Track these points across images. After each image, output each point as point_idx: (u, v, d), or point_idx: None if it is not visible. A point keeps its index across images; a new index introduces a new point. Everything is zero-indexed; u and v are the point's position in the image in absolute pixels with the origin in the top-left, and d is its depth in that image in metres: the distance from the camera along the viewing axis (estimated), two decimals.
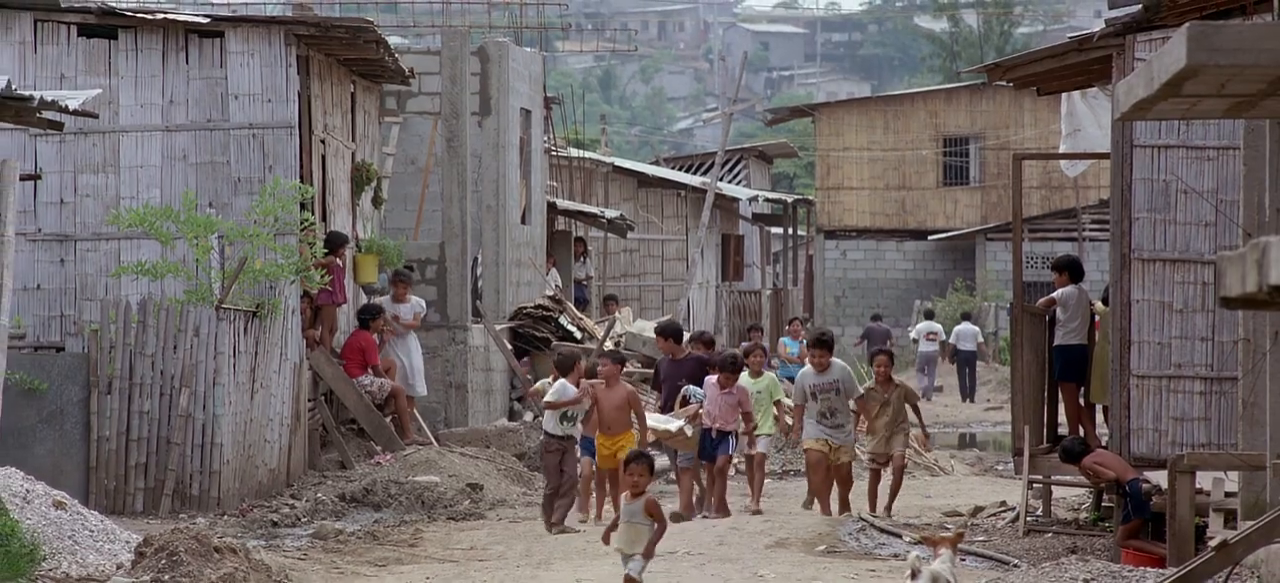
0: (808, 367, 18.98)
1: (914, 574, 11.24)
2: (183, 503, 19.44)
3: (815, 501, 18.97)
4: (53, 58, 21.10)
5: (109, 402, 19.46)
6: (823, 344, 18.85)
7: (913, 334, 44.92)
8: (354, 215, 24.71)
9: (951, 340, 44.83)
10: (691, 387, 19.30)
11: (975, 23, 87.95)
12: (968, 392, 44.41)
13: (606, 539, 13.16)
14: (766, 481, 21.16)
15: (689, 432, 18.72)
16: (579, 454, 18.77)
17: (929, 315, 46.65)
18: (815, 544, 17.27)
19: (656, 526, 12.71)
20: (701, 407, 18.72)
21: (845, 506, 18.87)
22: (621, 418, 18.28)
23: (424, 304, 25.19)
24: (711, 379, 18.79)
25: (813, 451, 18.46)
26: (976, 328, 45.26)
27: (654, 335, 22.49)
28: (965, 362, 44.53)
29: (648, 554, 12.70)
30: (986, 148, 55.99)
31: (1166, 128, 17.23)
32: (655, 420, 18.96)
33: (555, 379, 18.91)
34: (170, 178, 21.16)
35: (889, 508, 19.61)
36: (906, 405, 19.57)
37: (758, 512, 18.94)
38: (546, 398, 18.54)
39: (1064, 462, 17.71)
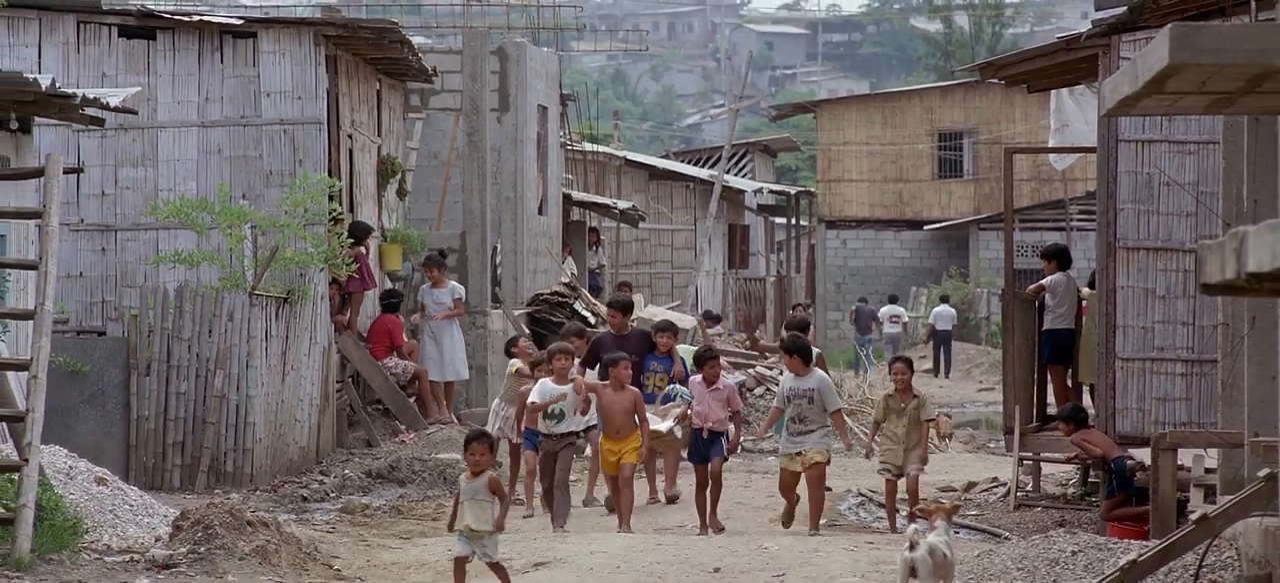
0: (788, 372, 17.80)
1: (913, 546, 11.21)
2: (217, 479, 19.46)
3: (787, 514, 17.13)
4: (94, 57, 21.11)
5: (148, 383, 19.48)
6: (798, 352, 17.11)
7: (878, 316, 45.77)
8: (380, 207, 24.73)
9: (930, 321, 45.69)
10: (678, 386, 18.23)
11: (966, 24, 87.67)
12: (944, 368, 45.46)
13: (451, 526, 12.50)
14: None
15: (678, 433, 17.82)
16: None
17: (893, 300, 47.79)
18: (817, 518, 17.26)
19: (500, 502, 12.32)
20: (690, 408, 17.33)
21: (815, 522, 16.74)
22: (628, 422, 16.88)
23: (462, 289, 25.04)
24: (696, 378, 17.36)
25: (785, 471, 17.21)
26: (952, 311, 46.34)
27: (606, 309, 21.84)
28: (942, 341, 45.88)
29: (499, 527, 12.27)
30: (979, 142, 55.89)
31: (1150, 123, 17.21)
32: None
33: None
34: (205, 171, 21.17)
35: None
36: (922, 418, 17.37)
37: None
38: (530, 399, 16.95)
39: (1069, 423, 17.61)
